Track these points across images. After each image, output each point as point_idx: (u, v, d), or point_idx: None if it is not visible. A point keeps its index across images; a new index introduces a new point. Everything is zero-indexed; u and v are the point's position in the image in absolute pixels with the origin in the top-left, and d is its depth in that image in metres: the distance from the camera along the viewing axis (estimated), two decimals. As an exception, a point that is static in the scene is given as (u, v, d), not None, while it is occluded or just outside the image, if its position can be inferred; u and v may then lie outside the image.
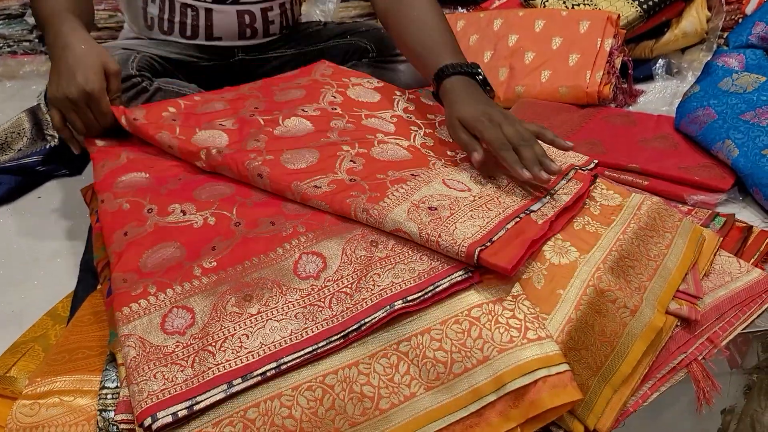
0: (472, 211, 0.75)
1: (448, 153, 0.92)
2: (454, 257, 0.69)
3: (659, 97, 1.47)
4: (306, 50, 1.30)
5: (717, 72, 1.26)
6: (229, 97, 1.04)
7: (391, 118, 0.99)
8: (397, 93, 1.06)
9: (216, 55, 1.23)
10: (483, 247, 0.68)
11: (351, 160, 0.84)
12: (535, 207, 0.77)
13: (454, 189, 0.80)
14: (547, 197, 0.80)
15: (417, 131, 0.96)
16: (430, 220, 0.72)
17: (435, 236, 0.69)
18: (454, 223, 0.72)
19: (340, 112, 0.97)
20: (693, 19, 1.53)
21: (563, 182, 0.83)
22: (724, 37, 1.43)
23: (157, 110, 0.97)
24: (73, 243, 1.04)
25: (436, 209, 0.74)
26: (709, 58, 1.35)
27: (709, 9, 1.56)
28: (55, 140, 1.29)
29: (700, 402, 0.74)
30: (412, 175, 0.82)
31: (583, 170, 0.87)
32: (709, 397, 0.74)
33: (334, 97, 1.00)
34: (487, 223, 0.72)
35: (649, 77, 1.54)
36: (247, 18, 1.18)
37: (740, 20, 1.50)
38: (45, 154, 1.26)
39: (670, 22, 1.55)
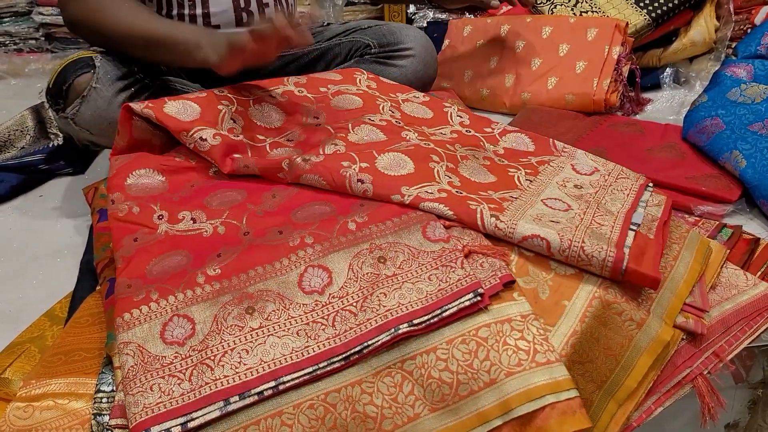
0: (589, 228, 0.74)
1: (522, 161, 0.92)
2: (596, 265, 0.69)
3: (666, 106, 1.46)
4: (309, 49, 1.29)
5: (725, 82, 1.25)
6: (276, 99, 1.01)
7: (451, 133, 0.98)
8: (446, 106, 1.05)
9: None
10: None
11: (447, 175, 0.83)
12: (637, 219, 0.78)
13: (558, 209, 0.79)
14: (641, 209, 0.81)
15: (486, 145, 0.96)
16: (563, 227, 0.72)
17: (579, 240, 0.70)
18: (586, 228, 0.72)
19: (407, 127, 0.97)
20: (701, 29, 1.52)
21: (647, 194, 0.85)
22: (733, 47, 1.42)
23: (213, 106, 0.94)
24: (74, 243, 1.03)
25: (559, 222, 0.74)
26: (717, 68, 1.34)
27: (718, 18, 1.55)
28: (59, 139, 1.29)
29: (705, 417, 0.73)
30: (512, 197, 0.81)
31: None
32: (714, 412, 0.73)
33: (393, 112, 0.99)
34: (611, 235, 0.73)
35: (657, 86, 1.53)
36: (241, 1, 1.19)
37: (749, 30, 1.49)
38: (48, 152, 1.26)
39: (678, 31, 1.55)
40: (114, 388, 0.66)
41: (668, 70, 1.54)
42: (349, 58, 1.26)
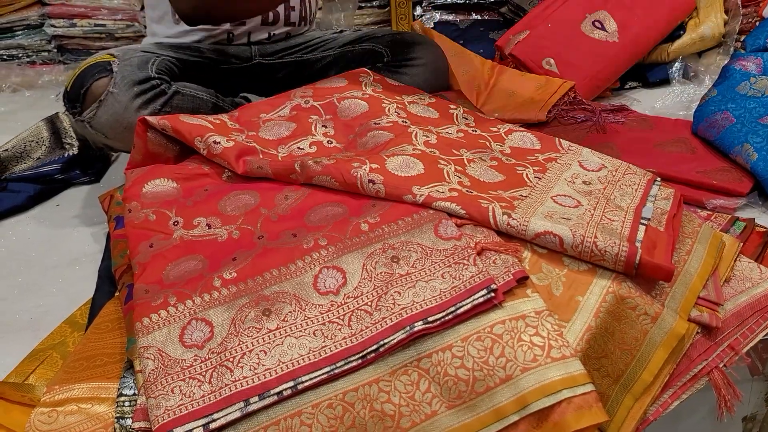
0: (600, 223, 0.74)
1: (529, 159, 0.92)
2: (609, 260, 0.69)
3: (676, 101, 1.46)
4: (322, 55, 1.30)
5: (734, 75, 1.25)
6: (286, 116, 1.02)
7: (458, 132, 0.99)
8: (452, 108, 1.06)
9: (234, 57, 1.24)
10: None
11: (456, 175, 0.83)
12: (647, 214, 0.79)
13: (568, 207, 0.79)
14: (650, 203, 0.82)
15: (492, 145, 0.96)
16: (574, 224, 0.72)
17: (591, 235, 0.70)
18: (597, 224, 0.73)
19: (413, 125, 0.97)
20: (711, 23, 1.51)
21: (655, 189, 0.86)
22: (741, 40, 1.41)
23: (225, 125, 0.97)
24: (92, 250, 1.04)
25: (570, 219, 0.74)
26: (726, 62, 1.34)
27: (726, 12, 1.54)
28: (74, 148, 1.31)
29: (721, 410, 0.73)
30: (522, 195, 0.81)
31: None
32: (731, 405, 0.73)
33: (398, 113, 1.00)
34: (623, 230, 0.73)
35: (666, 81, 1.53)
36: None
37: (757, 23, 1.48)
38: (63, 162, 1.28)
39: (684, 25, 1.54)
40: (136, 391, 0.68)
41: (677, 65, 1.53)
42: (362, 66, 1.26)
